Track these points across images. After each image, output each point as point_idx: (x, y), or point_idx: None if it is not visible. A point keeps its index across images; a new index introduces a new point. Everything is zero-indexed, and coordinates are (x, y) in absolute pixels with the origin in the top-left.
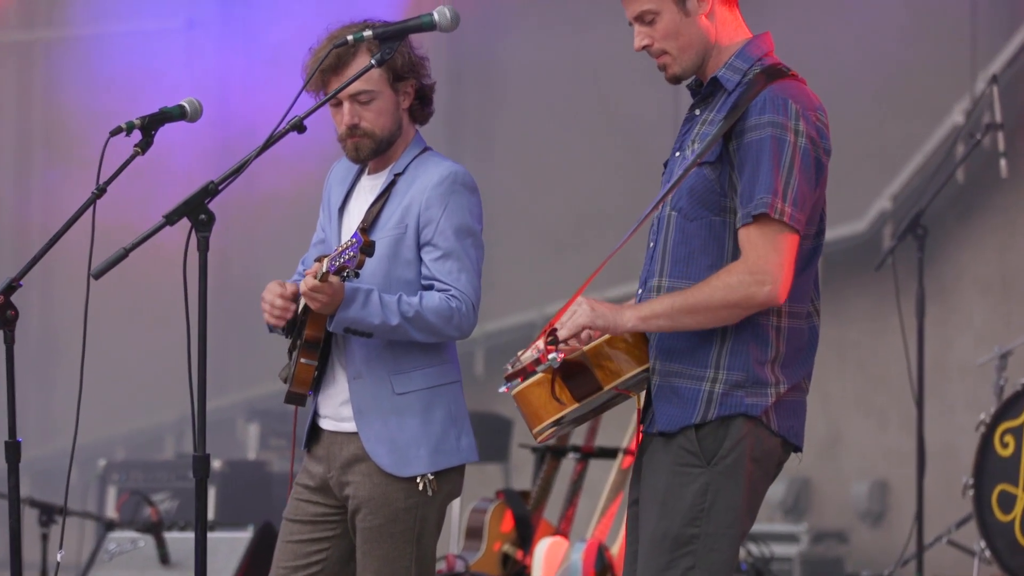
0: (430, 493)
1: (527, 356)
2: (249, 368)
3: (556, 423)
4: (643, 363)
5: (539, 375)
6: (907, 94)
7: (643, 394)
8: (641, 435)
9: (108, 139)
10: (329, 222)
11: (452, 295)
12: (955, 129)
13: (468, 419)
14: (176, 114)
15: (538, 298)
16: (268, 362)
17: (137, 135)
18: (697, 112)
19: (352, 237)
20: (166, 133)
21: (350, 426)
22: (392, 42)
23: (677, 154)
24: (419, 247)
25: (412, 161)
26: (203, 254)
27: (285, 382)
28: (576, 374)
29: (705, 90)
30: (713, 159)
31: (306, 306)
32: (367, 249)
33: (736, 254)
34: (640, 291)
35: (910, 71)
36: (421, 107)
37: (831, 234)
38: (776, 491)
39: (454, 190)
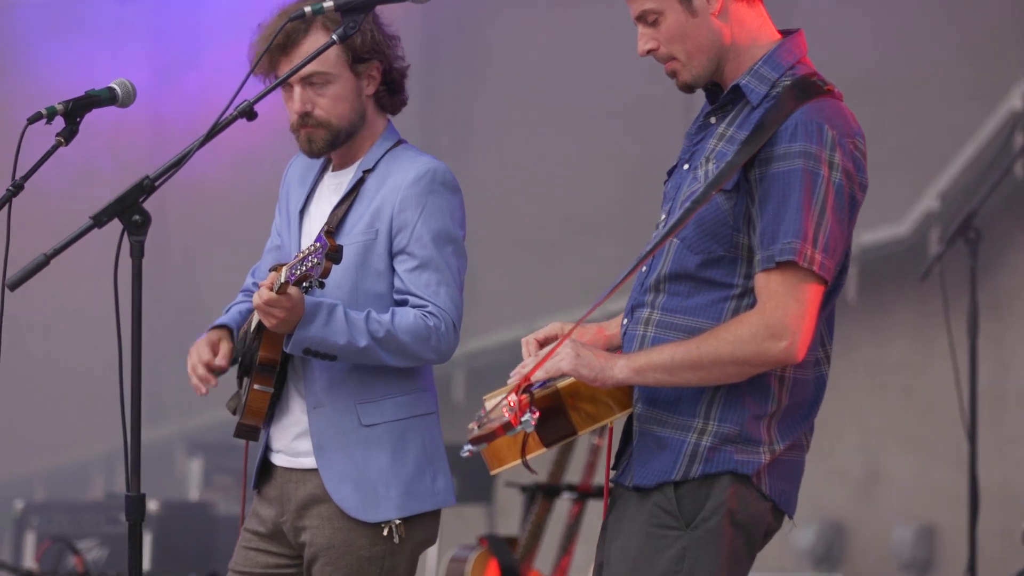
0: (398, 541)
1: (495, 416)
2: (191, 394)
3: (518, 466)
4: (625, 407)
5: (523, 452)
6: (955, 75)
7: (615, 429)
8: (610, 484)
9: (25, 127)
10: (287, 226)
11: (429, 312)
12: (1012, 116)
13: (445, 457)
14: (104, 98)
15: (525, 312)
16: (214, 389)
17: (60, 123)
18: (713, 120)
19: (316, 241)
20: (95, 120)
21: (308, 462)
22: (356, 15)
23: (685, 167)
24: (391, 256)
25: (384, 156)
26: (137, 261)
27: (234, 413)
28: (547, 415)
29: (724, 98)
30: (729, 187)
31: (260, 324)
32: (333, 255)
33: (745, 297)
34: (626, 320)
35: (958, 49)
36: (389, 94)
37: (868, 238)
38: (805, 537)
39: (432, 190)
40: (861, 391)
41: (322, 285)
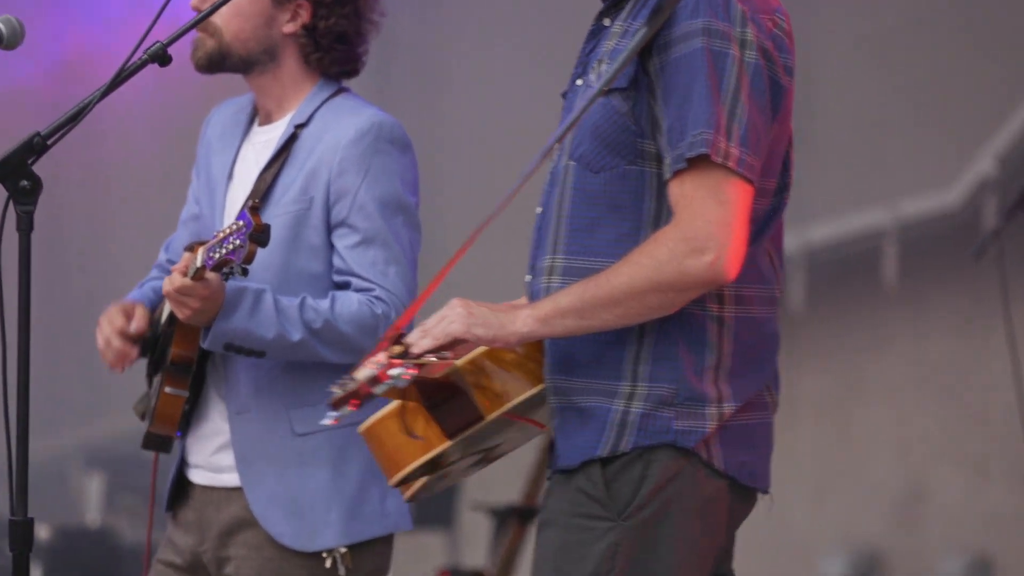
0: (344, 573)
1: (362, 373)
2: (89, 398)
3: (426, 470)
4: (540, 380)
5: (392, 405)
6: (1016, 14)
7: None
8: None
9: None
10: (208, 193)
11: (376, 296)
12: None
13: None
14: None
15: (496, 297)
16: (117, 389)
17: None
18: (606, 22)
19: (238, 219)
20: None
21: (231, 479)
22: None
23: (579, 82)
24: (329, 229)
25: (320, 108)
26: (25, 236)
27: (143, 419)
28: (447, 399)
29: None
30: (625, 84)
31: (172, 315)
32: (259, 237)
33: (661, 218)
34: (529, 276)
35: None
36: (316, 50)
37: (909, 209)
38: (834, 568)
39: (378, 148)
40: (900, 393)
41: (245, 272)
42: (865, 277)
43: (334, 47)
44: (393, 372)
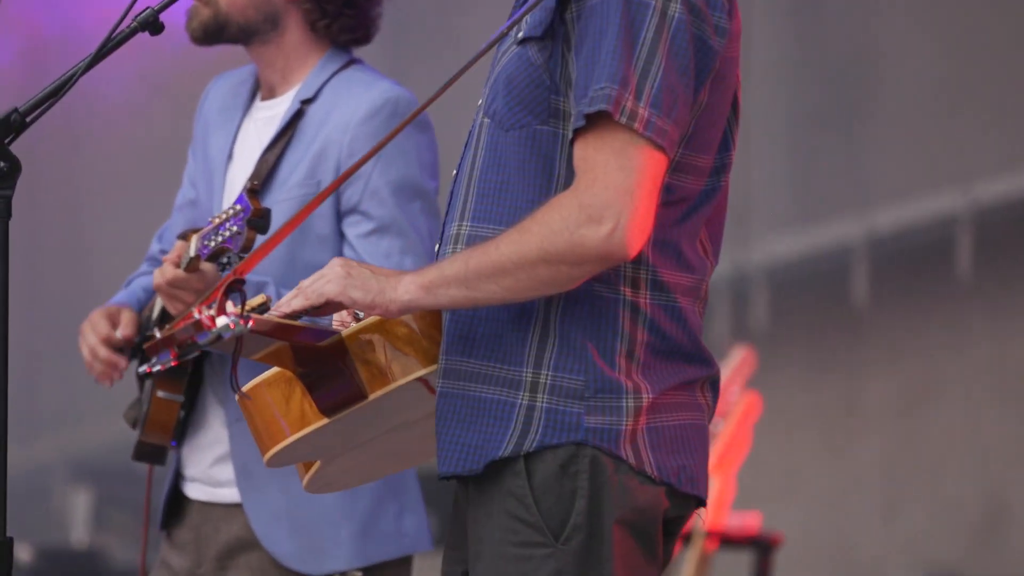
0: None
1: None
2: (73, 403)
3: (307, 451)
4: (434, 360)
5: (271, 372)
6: None
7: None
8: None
9: None
10: (204, 175)
11: None
12: None
13: (416, 487)
14: None
15: None
16: (104, 394)
17: None
18: None
19: (236, 203)
20: None
21: (230, 494)
22: None
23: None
24: (339, 216)
25: (328, 81)
26: (2, 223)
27: (133, 427)
28: (326, 373)
29: None
30: (540, 32)
31: (164, 310)
32: (258, 222)
33: (571, 184)
34: (438, 245)
35: None
36: (322, 16)
37: (986, 191)
38: None
39: (393, 126)
40: (977, 398)
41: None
42: (936, 268)
43: (343, 12)
44: (220, 322)
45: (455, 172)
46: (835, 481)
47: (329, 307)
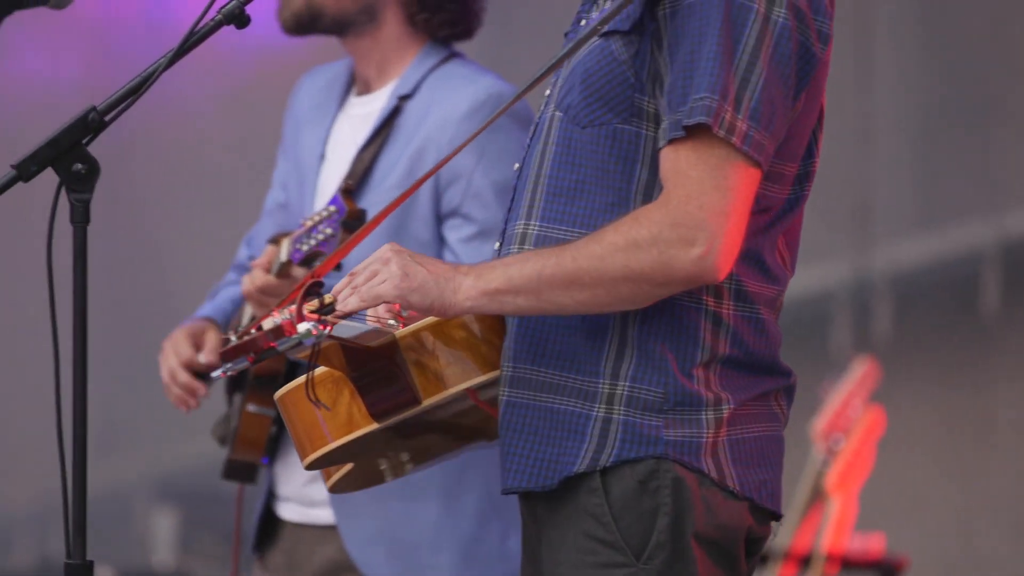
0: None
1: (267, 323)
2: (158, 419)
3: (349, 455)
4: (493, 366)
5: (316, 372)
6: None
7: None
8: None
9: None
10: (296, 177)
11: None
12: None
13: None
14: None
15: None
16: (204, 399)
17: None
18: None
19: (330, 204)
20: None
21: (326, 515)
22: None
23: (583, 22)
24: (439, 219)
25: (427, 76)
26: (80, 229)
27: (222, 443)
28: (379, 375)
29: None
30: (628, 27)
31: (255, 318)
32: (353, 223)
33: (654, 193)
34: (498, 244)
35: None
36: (421, 9)
37: None
38: None
39: (496, 124)
40: None
41: (339, 267)
42: None
43: (443, 5)
44: (302, 327)
45: (518, 166)
46: (964, 501)
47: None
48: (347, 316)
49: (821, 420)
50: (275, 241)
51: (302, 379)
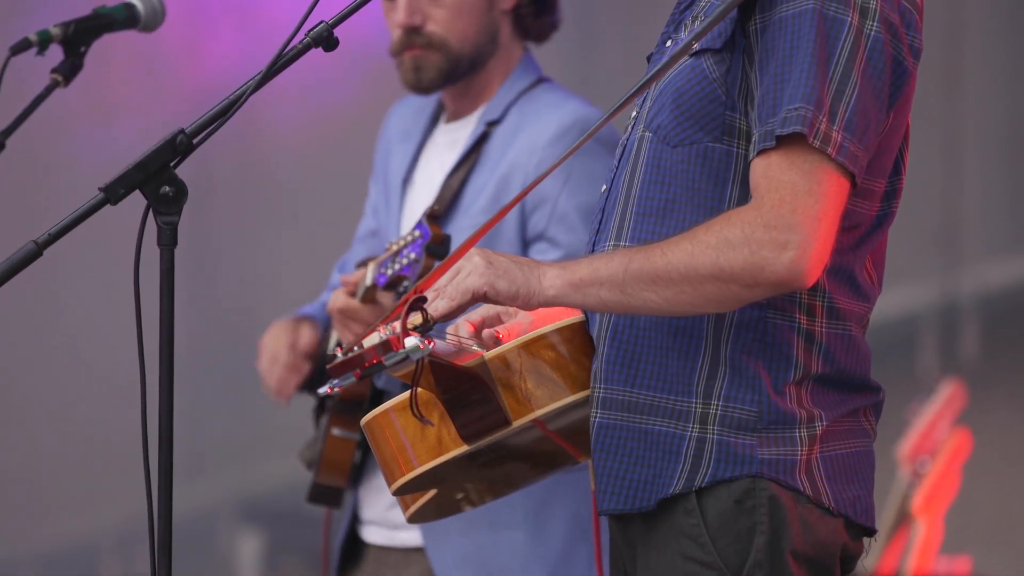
0: None
1: (371, 339)
2: (244, 440)
3: (435, 480)
4: (583, 387)
5: (403, 395)
6: None
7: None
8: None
9: (7, 59)
10: (385, 202)
11: None
12: None
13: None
14: (120, 19)
15: None
16: (277, 430)
17: (57, 53)
18: None
19: (415, 228)
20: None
21: (411, 538)
22: None
23: (668, 43)
24: (526, 243)
25: (516, 101)
26: (168, 251)
27: (308, 467)
28: (467, 396)
29: None
30: (719, 45)
31: (340, 342)
32: (437, 248)
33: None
34: None
35: None
36: (535, 12)
37: None
38: None
39: (582, 148)
40: None
41: None
42: None
43: (549, 5)
44: (410, 342)
45: (606, 188)
46: None
47: (473, 302)
48: (441, 321)
49: (907, 442)
50: (363, 265)
51: (388, 404)
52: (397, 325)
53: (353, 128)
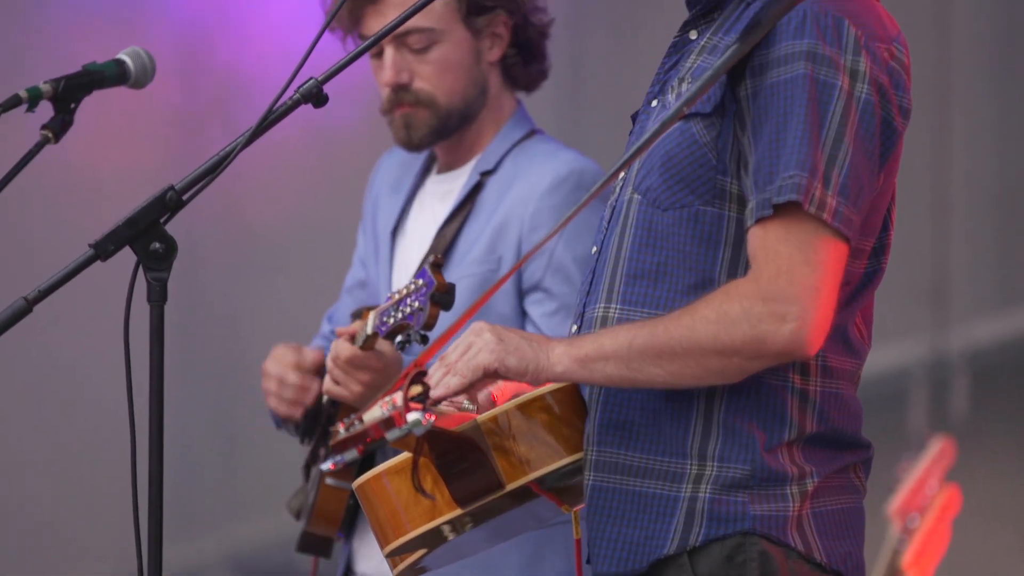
0: None
1: (373, 415)
2: (233, 494)
3: (427, 541)
4: (576, 449)
5: (396, 459)
6: None
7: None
8: None
9: None
10: (374, 253)
11: None
12: None
13: None
14: (110, 75)
15: None
16: (266, 484)
17: (47, 110)
18: (693, 35)
19: (417, 277)
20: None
21: None
22: None
23: (654, 103)
24: (521, 294)
25: (509, 152)
26: (157, 308)
27: (297, 517)
28: (461, 459)
29: None
30: (709, 109)
31: (340, 405)
32: (442, 298)
33: (738, 273)
34: (576, 327)
35: None
36: (522, 62)
37: None
38: None
39: (578, 200)
40: None
41: (425, 340)
42: None
43: (536, 53)
44: (412, 417)
45: (596, 249)
46: None
47: (485, 380)
48: (449, 398)
49: (897, 499)
50: (359, 315)
51: (381, 468)
52: (398, 399)
53: (340, 179)
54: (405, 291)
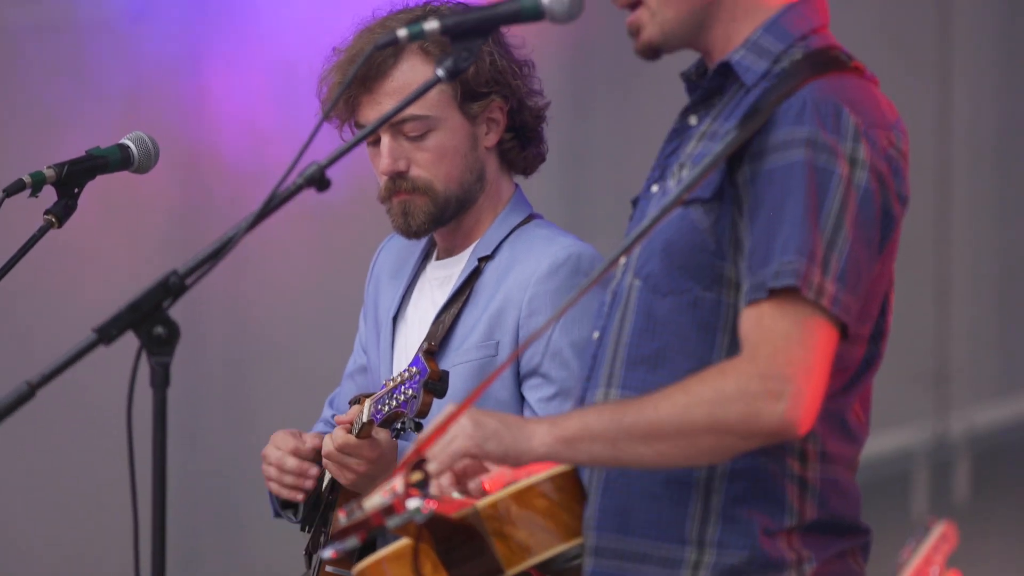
0: None
1: (373, 502)
2: None
3: None
4: (575, 534)
5: (396, 545)
6: None
7: None
8: None
9: (1, 199)
10: (375, 339)
11: None
12: None
13: None
14: (114, 160)
15: None
16: (270, 570)
17: (50, 194)
18: (693, 121)
19: (411, 365)
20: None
21: None
22: (471, 40)
23: (655, 188)
24: (519, 379)
25: (507, 238)
26: (160, 392)
27: None
28: (462, 545)
29: (709, 82)
30: (708, 195)
31: (335, 480)
32: (435, 386)
33: (734, 355)
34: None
35: None
36: (519, 146)
37: None
38: None
39: (576, 285)
40: None
41: (419, 427)
42: None
43: (532, 136)
44: (412, 504)
45: (597, 334)
46: None
47: (472, 467)
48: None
49: None
50: (357, 401)
51: (381, 554)
52: (399, 486)
53: (345, 264)
54: (399, 379)
